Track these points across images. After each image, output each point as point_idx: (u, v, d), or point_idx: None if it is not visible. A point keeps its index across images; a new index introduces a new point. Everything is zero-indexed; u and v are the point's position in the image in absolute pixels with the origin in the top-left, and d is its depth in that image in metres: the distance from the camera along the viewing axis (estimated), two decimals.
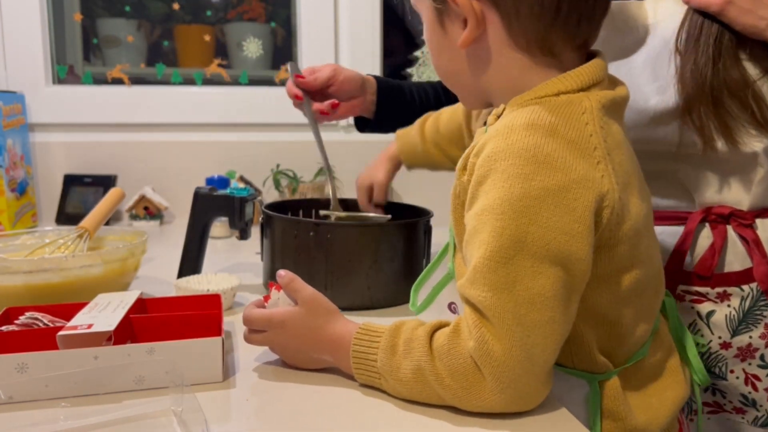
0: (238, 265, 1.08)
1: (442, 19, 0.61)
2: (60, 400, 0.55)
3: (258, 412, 0.55)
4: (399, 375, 0.56)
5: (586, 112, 0.55)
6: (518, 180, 0.51)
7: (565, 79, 0.57)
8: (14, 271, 0.74)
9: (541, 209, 0.51)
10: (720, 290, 0.76)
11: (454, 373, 0.53)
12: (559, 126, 0.53)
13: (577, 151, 0.53)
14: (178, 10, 1.71)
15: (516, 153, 0.52)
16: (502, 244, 0.51)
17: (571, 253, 0.52)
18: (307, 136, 1.61)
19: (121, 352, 0.58)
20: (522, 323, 0.51)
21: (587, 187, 0.52)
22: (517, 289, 0.51)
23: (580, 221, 0.52)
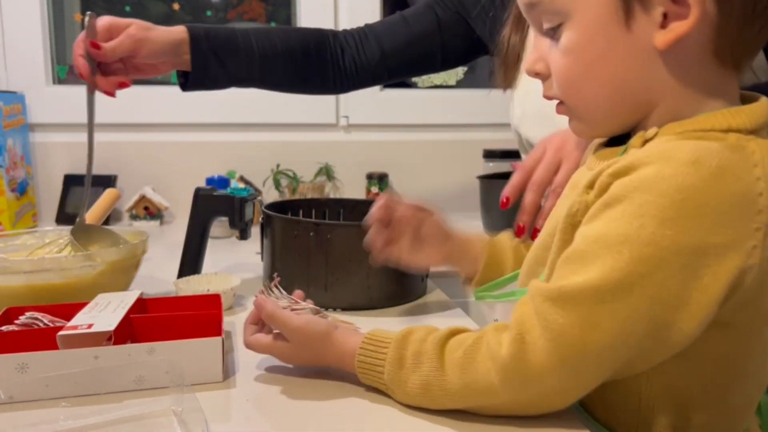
0: (238, 265, 1.08)
1: (629, 9, 0.47)
2: (60, 400, 0.55)
3: (258, 412, 0.56)
4: (407, 389, 0.54)
5: (758, 165, 0.45)
6: (653, 221, 0.43)
7: (737, 114, 0.47)
8: (14, 271, 0.74)
9: (665, 265, 0.44)
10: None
11: (467, 386, 0.51)
12: (727, 172, 0.44)
13: (738, 210, 0.44)
14: (178, 10, 1.71)
15: (665, 190, 0.44)
16: (603, 285, 0.45)
17: (675, 323, 0.45)
18: (308, 136, 1.62)
19: (121, 352, 0.58)
20: (583, 361, 0.46)
21: (729, 258, 0.44)
22: (596, 334, 0.45)
23: (704, 292, 0.44)
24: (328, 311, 0.83)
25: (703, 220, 0.43)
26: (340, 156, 1.61)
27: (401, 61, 1.04)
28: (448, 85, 1.72)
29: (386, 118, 1.64)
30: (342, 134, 1.64)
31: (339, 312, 0.83)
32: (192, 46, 0.91)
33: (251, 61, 0.96)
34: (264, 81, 1.01)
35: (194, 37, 0.91)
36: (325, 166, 1.58)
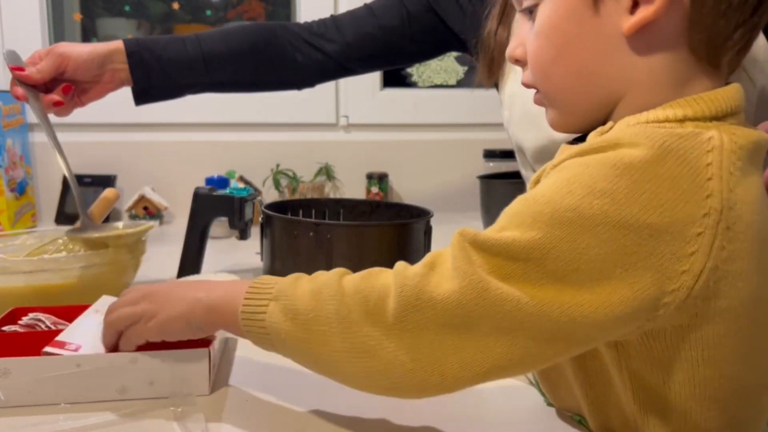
0: (238, 265, 1.08)
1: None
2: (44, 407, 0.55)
3: (257, 413, 0.55)
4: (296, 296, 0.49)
5: (713, 151, 0.42)
6: (582, 189, 0.42)
7: (695, 102, 0.45)
8: (14, 271, 0.74)
9: (585, 234, 0.41)
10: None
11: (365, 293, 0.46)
12: (671, 155, 0.42)
13: (678, 193, 0.41)
14: (178, 9, 1.71)
15: (601, 164, 0.42)
16: (518, 242, 0.43)
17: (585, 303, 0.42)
18: (307, 136, 1.62)
19: (103, 360, 0.56)
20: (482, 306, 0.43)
21: (662, 241, 0.41)
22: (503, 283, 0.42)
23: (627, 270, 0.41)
24: None
25: (638, 197, 0.41)
26: (340, 156, 1.61)
27: (365, 53, 1.01)
28: (448, 85, 1.72)
29: (386, 118, 1.64)
30: (342, 134, 1.64)
31: None
32: (129, 58, 0.89)
33: (195, 66, 0.93)
34: (215, 85, 0.97)
35: (129, 49, 0.89)
36: (325, 166, 1.58)
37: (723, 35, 0.45)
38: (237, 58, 0.96)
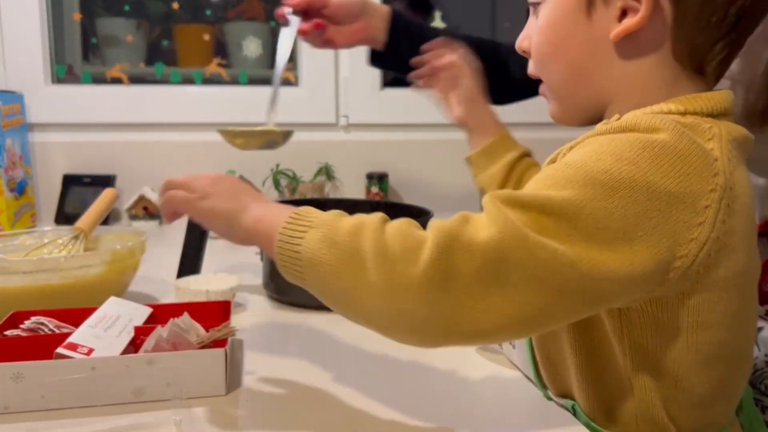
0: (238, 265, 1.08)
1: (591, 1, 0.51)
2: (58, 411, 0.54)
3: (262, 421, 0.55)
4: (336, 227, 0.48)
5: (714, 138, 0.48)
6: (611, 157, 0.45)
7: (694, 99, 0.50)
8: (13, 272, 0.74)
9: (615, 194, 0.44)
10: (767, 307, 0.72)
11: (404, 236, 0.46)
12: (685, 136, 0.46)
13: (694, 167, 0.45)
14: (178, 9, 1.71)
15: (624, 140, 0.46)
16: (553, 200, 0.44)
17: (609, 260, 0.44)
18: (307, 136, 1.61)
19: (118, 363, 0.56)
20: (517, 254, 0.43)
21: (677, 208, 0.44)
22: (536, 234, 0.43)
23: (649, 232, 0.44)
24: (328, 312, 0.83)
25: (659, 165, 0.45)
26: (340, 156, 1.60)
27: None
28: None
29: (386, 118, 1.64)
30: (342, 134, 1.64)
31: None
32: (391, 22, 0.93)
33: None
34: None
35: (395, 14, 0.94)
36: (325, 166, 1.58)
37: (704, 47, 0.50)
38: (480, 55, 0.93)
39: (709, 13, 0.49)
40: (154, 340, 0.59)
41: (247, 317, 0.81)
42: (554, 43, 0.55)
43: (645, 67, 0.51)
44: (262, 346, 0.71)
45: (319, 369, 0.64)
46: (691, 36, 0.49)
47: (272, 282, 0.88)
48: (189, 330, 0.61)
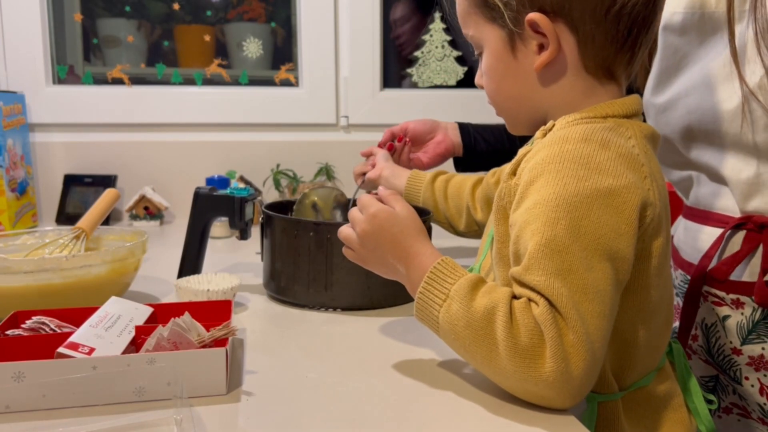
0: (238, 265, 1.08)
1: (514, 44, 0.63)
2: (59, 410, 0.54)
3: (262, 421, 0.55)
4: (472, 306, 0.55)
5: (632, 137, 0.60)
6: (572, 179, 0.55)
7: (613, 105, 0.62)
8: (15, 272, 0.74)
9: (593, 207, 0.54)
10: (734, 297, 0.75)
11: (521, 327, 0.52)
12: (610, 141, 0.57)
13: (627, 164, 0.57)
14: (179, 10, 1.71)
15: (570, 158, 0.56)
16: (556, 234, 0.53)
17: (619, 251, 0.54)
18: (308, 136, 1.62)
19: (120, 362, 0.56)
20: (578, 310, 0.52)
21: (635, 193, 0.56)
22: (571, 278, 0.52)
23: (627, 222, 0.55)
24: (328, 311, 0.84)
25: (607, 171, 0.56)
26: (340, 156, 1.61)
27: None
28: (448, 86, 1.72)
29: (386, 118, 1.63)
30: (342, 134, 1.64)
31: (339, 312, 0.83)
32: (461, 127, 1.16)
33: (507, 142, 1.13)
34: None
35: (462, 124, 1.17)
36: (325, 166, 1.58)
37: (609, 59, 0.62)
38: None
39: (603, 33, 0.60)
40: (155, 339, 0.60)
41: (247, 317, 0.82)
42: (495, 81, 0.67)
43: (566, 84, 0.63)
44: (262, 346, 0.71)
45: (320, 368, 0.65)
46: (595, 53, 0.61)
47: (273, 282, 0.88)
48: (190, 329, 0.61)
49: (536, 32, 0.61)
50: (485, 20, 0.65)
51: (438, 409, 0.56)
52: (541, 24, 0.60)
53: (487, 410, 0.55)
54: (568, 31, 0.60)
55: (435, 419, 0.54)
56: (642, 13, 0.60)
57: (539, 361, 0.52)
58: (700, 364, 0.82)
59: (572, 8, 0.59)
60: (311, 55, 1.61)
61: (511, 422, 0.53)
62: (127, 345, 0.61)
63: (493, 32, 0.64)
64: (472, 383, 0.61)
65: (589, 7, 0.59)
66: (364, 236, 0.66)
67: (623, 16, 0.59)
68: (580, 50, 0.61)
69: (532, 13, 0.60)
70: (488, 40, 0.66)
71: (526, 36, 0.62)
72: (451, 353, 0.67)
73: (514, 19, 0.62)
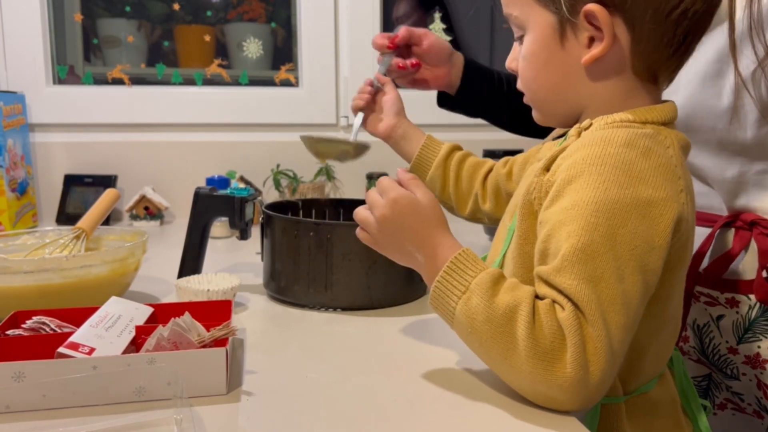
0: (238, 265, 1.09)
1: (564, 33, 0.60)
2: (59, 410, 0.54)
3: (262, 421, 0.55)
4: (493, 302, 0.54)
5: (670, 147, 0.58)
6: (613, 185, 0.54)
7: (653, 110, 0.60)
8: (15, 272, 0.74)
9: (631, 216, 0.53)
10: (729, 296, 0.75)
11: (544, 329, 0.52)
12: (652, 150, 0.56)
13: (666, 176, 0.56)
14: (179, 10, 1.71)
15: (612, 163, 0.55)
16: (593, 239, 0.52)
17: (650, 264, 0.53)
18: None
19: (120, 362, 0.56)
20: (605, 320, 0.51)
21: (672, 207, 0.55)
22: (602, 286, 0.52)
23: (661, 236, 0.54)
24: (328, 311, 0.84)
25: (647, 181, 0.54)
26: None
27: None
28: None
29: None
30: (342, 134, 1.64)
31: (339, 312, 0.83)
32: (465, 70, 0.99)
33: (501, 101, 1.01)
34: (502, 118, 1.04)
35: (468, 63, 1.00)
36: (325, 166, 1.58)
37: (658, 62, 0.59)
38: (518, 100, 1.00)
39: (660, 35, 0.57)
40: (155, 339, 0.60)
41: (247, 317, 0.82)
42: (535, 69, 0.64)
43: (610, 83, 0.61)
44: (262, 346, 0.71)
45: (320, 368, 0.65)
46: (646, 55, 0.59)
47: (273, 281, 0.88)
48: (190, 329, 0.61)
49: (591, 24, 0.58)
50: (536, 1, 0.61)
51: (438, 408, 0.56)
52: (599, 16, 0.57)
53: (487, 410, 0.55)
54: (624, 28, 0.58)
55: (435, 419, 0.54)
56: (701, 20, 0.58)
57: (558, 365, 0.51)
58: (692, 365, 0.82)
59: (634, 4, 0.56)
60: (311, 55, 1.61)
61: (512, 421, 0.53)
62: (127, 345, 0.61)
63: (542, 16, 0.61)
64: (472, 383, 0.61)
65: (652, 6, 0.56)
66: (383, 221, 0.63)
67: (684, 20, 0.57)
68: (633, 49, 0.58)
69: (591, 4, 0.57)
70: (535, 23, 0.62)
71: (578, 26, 0.59)
72: (451, 353, 0.67)
73: (571, 7, 0.58)
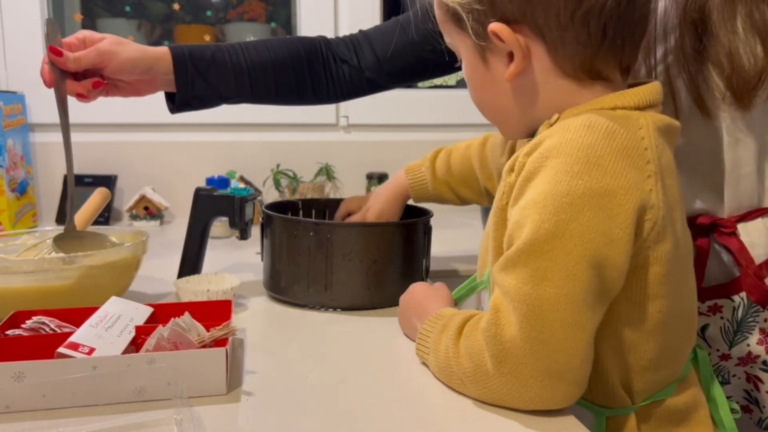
0: (238, 265, 1.08)
1: (484, 55, 0.60)
2: (59, 410, 0.54)
3: (262, 421, 0.55)
4: (438, 351, 0.60)
5: (642, 128, 0.55)
6: (566, 176, 0.51)
7: (622, 95, 0.57)
8: (15, 272, 0.74)
9: (584, 208, 0.50)
10: (710, 303, 0.75)
11: (470, 353, 0.55)
12: (616, 131, 0.53)
13: (630, 159, 0.53)
14: (179, 10, 1.71)
15: (568, 151, 0.52)
16: (537, 237, 0.51)
17: (608, 258, 0.51)
18: (308, 136, 1.62)
19: (120, 362, 0.56)
20: (543, 319, 0.50)
21: (633, 195, 0.52)
22: (545, 285, 0.50)
23: (621, 227, 0.51)
24: (328, 311, 0.84)
25: (605, 168, 0.51)
26: (340, 156, 1.61)
27: (397, 67, 0.98)
28: (448, 85, 1.72)
29: (386, 118, 1.64)
30: (342, 134, 1.64)
31: (339, 312, 0.83)
32: (176, 66, 0.87)
33: (240, 77, 0.92)
34: (255, 96, 0.96)
35: (177, 56, 0.87)
36: (325, 166, 1.58)
37: (589, 62, 0.57)
38: (280, 71, 0.94)
39: (573, 37, 0.56)
40: (155, 339, 0.60)
41: (247, 317, 0.82)
42: (475, 89, 0.65)
43: (548, 91, 0.59)
44: (262, 346, 0.71)
45: (320, 368, 0.65)
46: (570, 58, 0.57)
47: (273, 281, 0.88)
48: (190, 329, 0.61)
49: (502, 42, 0.57)
50: (456, 30, 0.62)
51: (438, 409, 0.56)
52: (502, 34, 0.57)
53: (487, 410, 0.55)
54: (535, 38, 0.57)
55: (435, 419, 0.54)
56: (615, 11, 0.55)
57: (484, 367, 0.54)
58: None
59: (535, 15, 0.56)
60: None
61: (512, 421, 0.53)
62: (127, 345, 0.61)
63: (465, 42, 0.62)
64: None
65: (552, 13, 0.55)
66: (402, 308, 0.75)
67: (592, 18, 0.55)
68: (552, 56, 0.57)
69: (492, 24, 0.57)
70: (462, 49, 0.63)
71: (494, 46, 0.59)
72: None
73: (478, 31, 0.59)
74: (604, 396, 0.59)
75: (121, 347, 0.60)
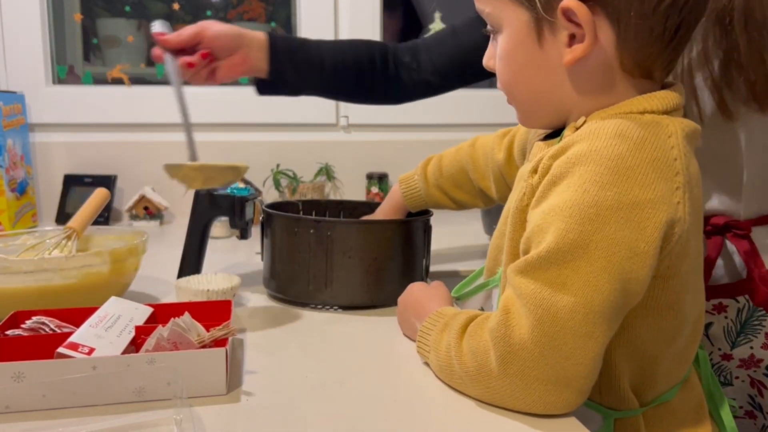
0: (238, 265, 1.08)
1: (541, 32, 0.56)
2: (59, 410, 0.54)
3: (262, 421, 0.55)
4: (439, 350, 0.59)
5: (672, 136, 0.53)
6: (594, 186, 0.50)
7: (651, 99, 0.55)
8: (15, 272, 0.74)
9: (611, 220, 0.49)
10: (715, 302, 0.75)
11: (473, 352, 0.54)
12: (647, 141, 0.51)
13: (660, 171, 0.51)
14: (179, 10, 1.71)
15: (598, 160, 0.50)
16: (561, 247, 0.50)
17: (632, 271, 0.50)
18: (308, 136, 1.62)
19: (120, 362, 0.56)
20: (557, 325, 0.49)
21: (662, 210, 0.50)
22: (564, 293, 0.49)
23: (647, 241, 0.50)
24: (328, 310, 0.84)
25: (634, 180, 0.50)
26: (340, 156, 1.61)
27: (452, 72, 1.03)
28: None
29: (386, 118, 1.64)
30: (342, 134, 1.64)
31: (339, 311, 0.83)
32: (270, 49, 0.94)
33: (323, 72, 0.97)
34: (333, 91, 1.02)
35: (272, 40, 0.94)
36: (325, 166, 1.58)
37: (650, 58, 0.54)
38: (357, 70, 0.99)
39: (648, 29, 0.52)
40: (155, 339, 0.60)
41: (247, 317, 0.81)
42: (513, 71, 0.59)
43: (597, 83, 0.56)
44: (262, 346, 0.71)
45: (320, 368, 0.65)
46: (635, 51, 0.54)
47: (273, 280, 0.88)
48: (190, 329, 0.61)
49: (570, 21, 0.53)
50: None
51: (438, 408, 0.56)
52: (578, 13, 0.52)
53: (488, 410, 0.55)
54: (608, 24, 0.53)
55: (435, 419, 0.54)
56: (694, 9, 0.53)
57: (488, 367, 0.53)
58: None
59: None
60: None
61: (512, 422, 0.53)
62: (127, 345, 0.61)
63: (517, 14, 0.56)
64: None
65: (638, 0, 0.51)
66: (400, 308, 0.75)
67: (673, 12, 0.52)
68: (619, 46, 0.53)
69: (569, 0, 0.52)
70: (509, 21, 0.57)
71: (556, 24, 0.54)
72: None
73: (546, 4, 0.53)
74: (614, 399, 0.58)
75: (121, 347, 0.60)
